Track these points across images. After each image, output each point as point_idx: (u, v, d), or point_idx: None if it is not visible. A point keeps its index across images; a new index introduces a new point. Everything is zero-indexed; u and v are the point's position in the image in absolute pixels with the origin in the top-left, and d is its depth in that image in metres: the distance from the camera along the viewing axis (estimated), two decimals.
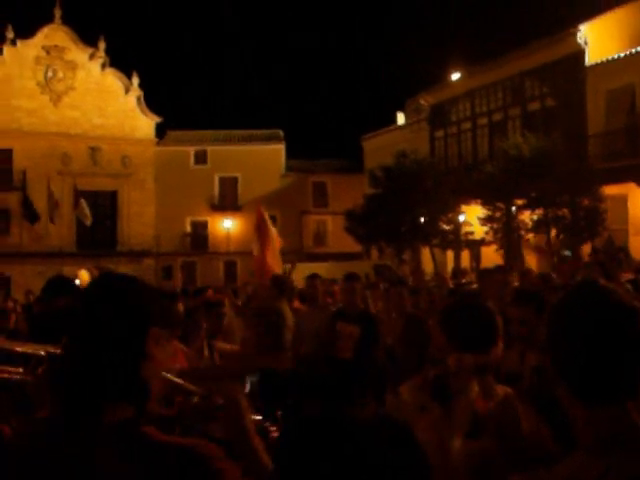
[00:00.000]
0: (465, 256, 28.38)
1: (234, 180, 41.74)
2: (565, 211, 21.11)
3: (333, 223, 40.11)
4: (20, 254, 35.70)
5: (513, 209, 22.52)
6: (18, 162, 37.30)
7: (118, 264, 36.94)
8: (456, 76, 31.56)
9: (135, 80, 40.51)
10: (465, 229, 26.49)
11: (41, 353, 2.22)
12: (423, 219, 26.48)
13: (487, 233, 23.44)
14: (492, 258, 22.04)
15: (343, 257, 31.90)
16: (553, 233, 21.43)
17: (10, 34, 37.67)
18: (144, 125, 40.74)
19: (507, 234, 22.56)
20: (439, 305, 6.70)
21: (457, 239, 26.78)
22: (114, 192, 39.88)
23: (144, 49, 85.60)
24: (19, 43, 37.91)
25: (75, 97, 38.88)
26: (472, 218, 25.43)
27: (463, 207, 26.50)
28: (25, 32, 38.06)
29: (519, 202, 22.16)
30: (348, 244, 33.17)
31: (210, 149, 41.78)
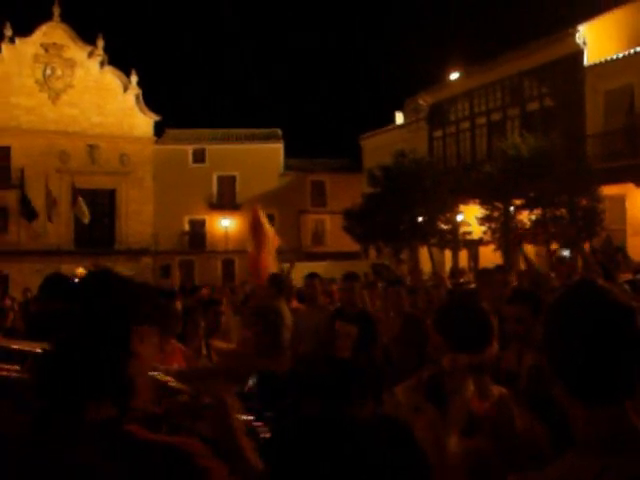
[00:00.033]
0: (463, 256, 28.40)
1: (232, 179, 41.73)
2: (563, 211, 21.12)
3: (331, 222, 40.11)
4: (18, 252, 35.65)
5: (511, 209, 22.53)
6: (16, 160, 37.26)
7: (116, 262, 36.83)
8: (455, 76, 31.56)
9: (134, 78, 40.48)
10: (463, 229, 26.49)
11: (38, 351, 2.22)
12: (421, 219, 26.48)
13: (485, 233, 23.44)
14: (490, 258, 22.04)
15: (341, 256, 31.92)
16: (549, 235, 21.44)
17: (9, 32, 37.64)
18: (142, 123, 40.71)
19: (505, 234, 22.57)
20: (437, 305, 6.69)
21: (455, 239, 26.77)
22: (112, 190, 39.84)
23: (143, 47, 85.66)
24: (18, 41, 37.85)
25: (74, 95, 38.84)
26: (470, 218, 25.43)
27: (461, 207, 26.51)
28: (24, 30, 38.08)
29: (517, 202, 22.17)
30: (346, 243, 33.18)
31: (208, 148, 41.75)
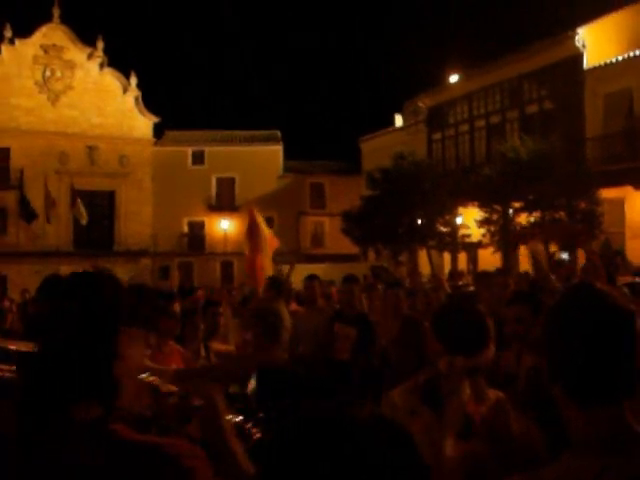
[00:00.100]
0: (462, 258, 28.39)
1: (231, 181, 41.74)
2: (562, 214, 21.12)
3: (330, 224, 40.11)
4: (17, 253, 35.64)
5: (510, 212, 22.54)
6: (15, 161, 37.27)
7: (115, 264, 36.81)
8: (454, 78, 31.57)
9: (133, 80, 40.52)
10: (462, 231, 26.48)
11: (24, 350, 2.21)
12: (420, 221, 26.47)
13: (484, 235, 23.45)
14: (489, 260, 22.06)
15: (340, 258, 31.97)
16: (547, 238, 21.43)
17: (8, 33, 37.69)
18: (142, 125, 40.74)
19: (504, 237, 22.57)
20: (436, 307, 6.68)
21: (454, 241, 26.76)
22: (111, 192, 39.85)
23: (142, 49, 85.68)
24: (17, 42, 37.89)
25: (73, 96, 38.87)
26: (469, 220, 25.44)
27: (460, 209, 26.51)
28: (23, 31, 38.12)
29: (516, 205, 22.17)
30: (345, 245, 33.16)
31: (208, 149, 41.76)
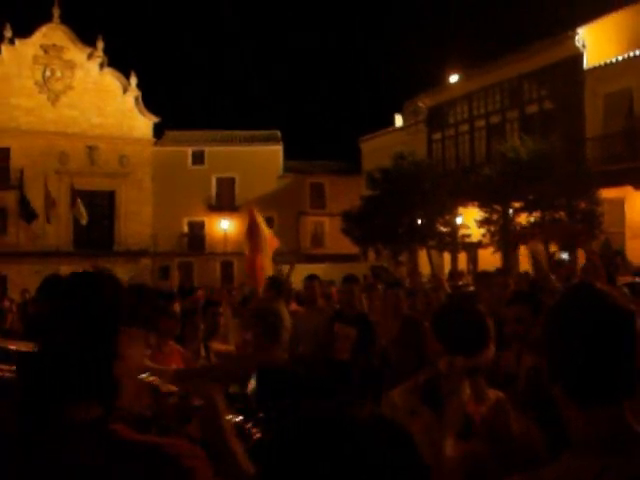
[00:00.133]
0: (462, 258, 28.39)
1: (231, 181, 41.74)
2: (562, 214, 21.11)
3: (330, 224, 40.11)
4: (17, 253, 35.63)
5: (510, 212, 22.54)
6: (15, 161, 37.27)
7: (115, 264, 36.79)
8: (454, 78, 31.57)
9: (133, 80, 40.52)
10: (462, 231, 26.48)
11: (24, 350, 2.21)
12: (420, 221, 26.47)
13: (484, 235, 23.44)
14: (489, 260, 22.06)
15: (340, 258, 31.97)
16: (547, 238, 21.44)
17: (8, 33, 37.69)
18: (142, 125, 40.74)
19: (504, 237, 22.57)
20: (436, 307, 6.68)
21: (454, 241, 26.76)
22: (111, 192, 39.85)
23: (142, 49, 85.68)
24: (17, 42, 37.88)
25: (73, 96, 38.87)
26: (469, 220, 25.43)
27: (460, 209, 26.50)
28: (23, 31, 38.12)
29: (516, 205, 22.16)
30: (345, 246, 33.15)
31: (208, 149, 41.76)
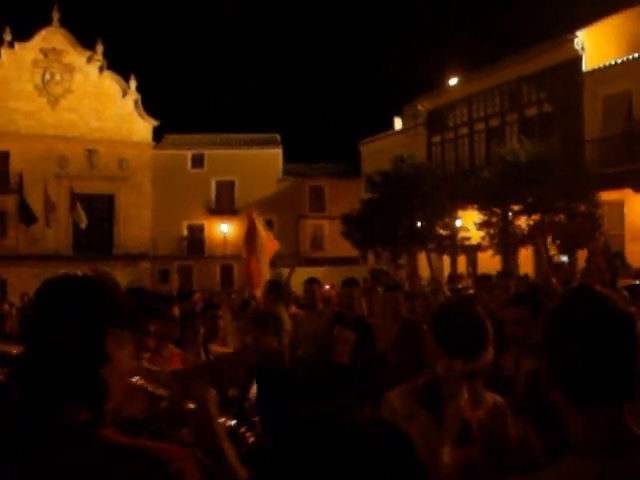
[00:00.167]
0: (462, 261, 28.40)
1: (231, 184, 41.75)
2: (561, 217, 21.13)
3: (330, 227, 40.12)
4: (16, 257, 35.64)
5: (510, 214, 22.55)
6: (15, 165, 37.29)
7: (114, 267, 36.76)
8: (453, 81, 31.61)
9: (133, 83, 40.56)
10: (462, 234, 26.50)
11: (13, 353, 2.20)
12: (420, 224, 26.48)
13: (483, 238, 23.46)
14: (488, 263, 22.07)
15: (340, 262, 31.97)
16: (549, 239, 21.46)
17: (8, 37, 37.75)
18: (141, 128, 40.77)
19: (503, 239, 22.58)
20: (435, 310, 6.66)
21: (454, 244, 26.78)
22: (111, 195, 39.87)
23: (142, 52, 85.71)
24: (17, 46, 37.93)
25: (72, 100, 38.90)
26: (469, 223, 25.45)
27: (460, 212, 26.52)
28: (23, 35, 38.19)
29: (516, 207, 22.18)
30: (345, 249, 33.15)
31: (207, 153, 41.79)
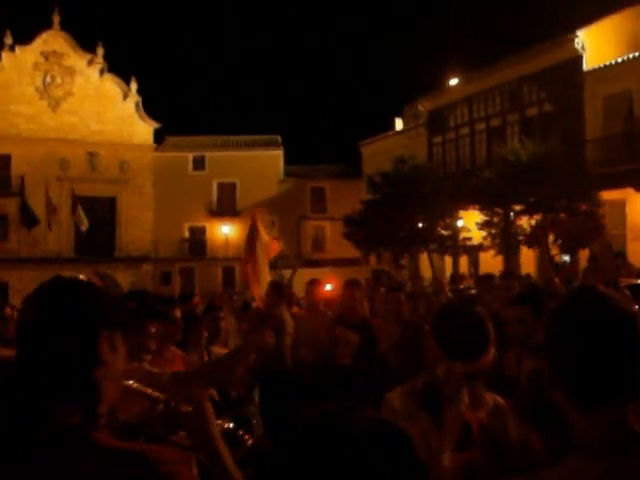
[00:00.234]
0: (463, 261, 28.40)
1: (232, 186, 41.76)
2: (563, 216, 21.12)
3: (331, 229, 40.12)
4: (18, 260, 35.67)
5: (511, 214, 22.54)
6: (16, 168, 37.33)
7: (116, 270, 36.93)
8: (454, 82, 31.60)
9: (133, 86, 40.58)
10: (463, 234, 26.49)
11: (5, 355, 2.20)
12: (421, 224, 26.46)
13: (485, 238, 23.44)
14: (490, 263, 22.06)
15: (341, 263, 31.93)
16: (551, 239, 21.45)
17: (9, 40, 37.78)
18: (142, 131, 40.79)
19: (505, 239, 22.56)
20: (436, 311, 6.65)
21: (455, 244, 26.76)
22: (112, 198, 39.88)
23: (142, 55, 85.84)
24: (17, 49, 37.98)
25: (73, 103, 38.94)
26: (470, 223, 25.44)
27: (461, 212, 26.50)
28: (24, 38, 38.22)
29: (517, 207, 22.17)
30: (346, 250, 33.17)
31: (208, 155, 41.80)
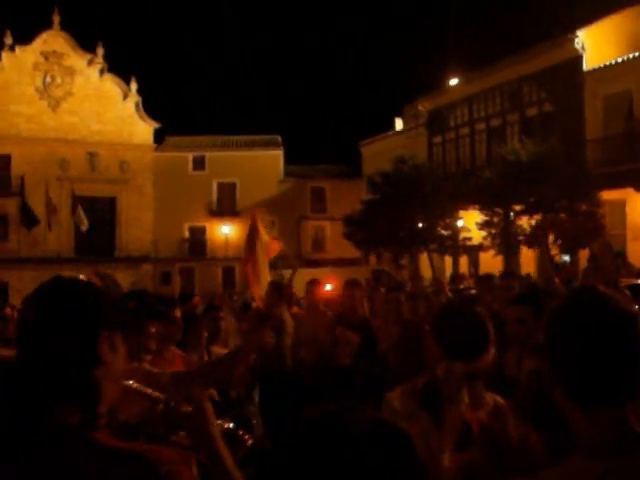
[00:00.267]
0: (463, 261, 28.39)
1: (232, 186, 41.76)
2: (563, 216, 21.12)
3: (331, 229, 40.12)
4: (18, 260, 35.68)
5: (511, 214, 22.54)
6: (16, 168, 37.34)
7: (116, 270, 36.94)
8: (454, 82, 31.60)
9: (133, 86, 40.58)
10: (463, 234, 26.49)
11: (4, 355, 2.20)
12: (421, 224, 26.46)
13: (485, 238, 23.44)
14: (490, 263, 22.06)
15: (341, 263, 31.93)
16: (551, 239, 21.45)
17: (9, 40, 37.79)
18: (142, 131, 40.79)
19: (505, 239, 22.56)
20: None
21: (455, 244, 26.76)
22: (112, 198, 39.89)
23: (142, 55, 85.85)
24: (18, 49, 37.99)
25: (73, 103, 38.94)
26: (470, 223, 25.44)
27: (461, 212, 26.50)
28: (24, 38, 38.22)
29: (517, 207, 22.17)
30: (346, 250, 33.18)
31: (208, 155, 41.80)
